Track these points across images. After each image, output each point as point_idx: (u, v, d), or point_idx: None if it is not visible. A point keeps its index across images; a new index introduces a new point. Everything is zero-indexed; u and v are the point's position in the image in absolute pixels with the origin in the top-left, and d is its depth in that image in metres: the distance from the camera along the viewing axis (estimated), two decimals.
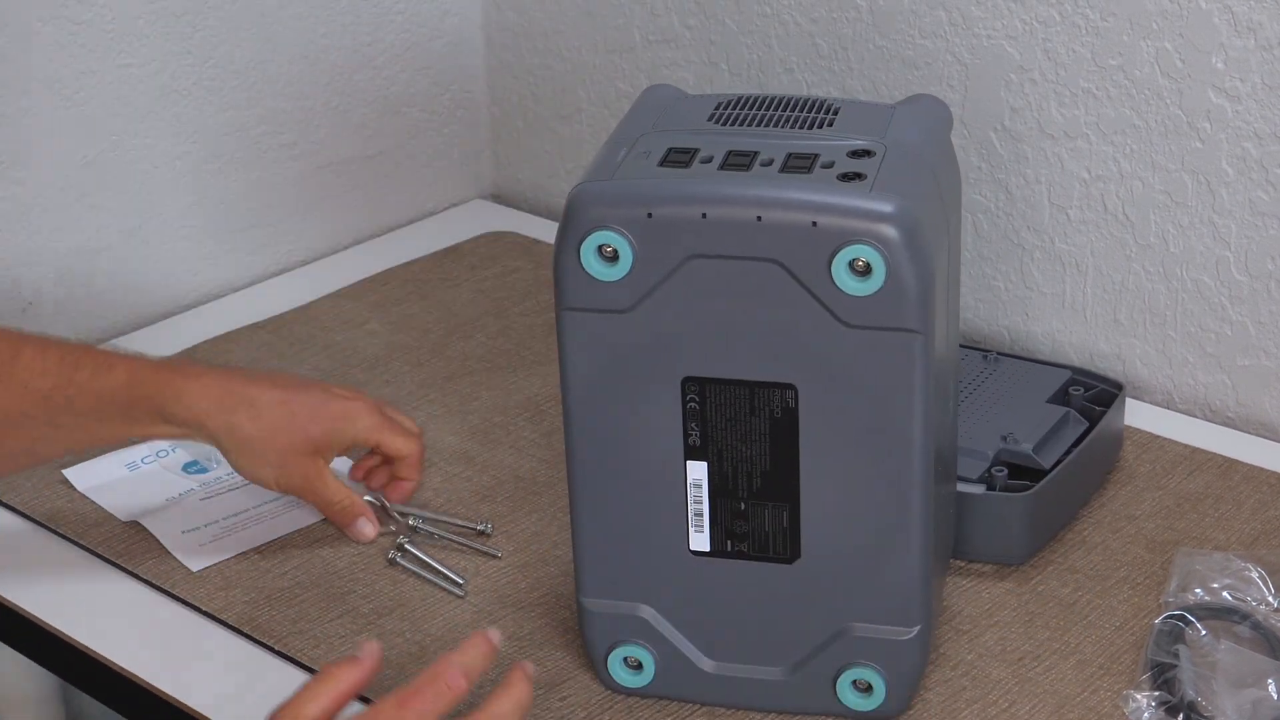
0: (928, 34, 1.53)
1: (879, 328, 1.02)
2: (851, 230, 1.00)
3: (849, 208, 1.01)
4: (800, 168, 1.04)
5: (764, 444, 1.07)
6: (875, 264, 1.00)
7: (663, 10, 1.71)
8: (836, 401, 1.05)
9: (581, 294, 1.05)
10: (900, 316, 1.02)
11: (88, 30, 1.56)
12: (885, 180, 1.03)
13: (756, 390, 1.06)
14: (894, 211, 1.01)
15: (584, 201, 1.04)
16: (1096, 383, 1.40)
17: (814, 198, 1.02)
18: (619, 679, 1.15)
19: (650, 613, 1.13)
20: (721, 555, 1.10)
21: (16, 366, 1.20)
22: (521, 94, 1.86)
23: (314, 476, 1.26)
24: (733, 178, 1.04)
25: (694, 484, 1.09)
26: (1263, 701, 1.10)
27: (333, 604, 1.25)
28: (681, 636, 1.13)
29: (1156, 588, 1.25)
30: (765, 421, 1.07)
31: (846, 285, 1.01)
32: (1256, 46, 1.37)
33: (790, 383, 1.05)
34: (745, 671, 1.13)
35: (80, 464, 1.40)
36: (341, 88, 1.76)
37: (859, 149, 1.06)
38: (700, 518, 1.10)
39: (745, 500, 1.09)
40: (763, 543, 1.10)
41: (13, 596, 1.28)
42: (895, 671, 1.11)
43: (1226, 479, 1.37)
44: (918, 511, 1.07)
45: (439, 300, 1.67)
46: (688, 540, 1.10)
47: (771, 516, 1.09)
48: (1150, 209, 1.46)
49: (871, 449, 1.06)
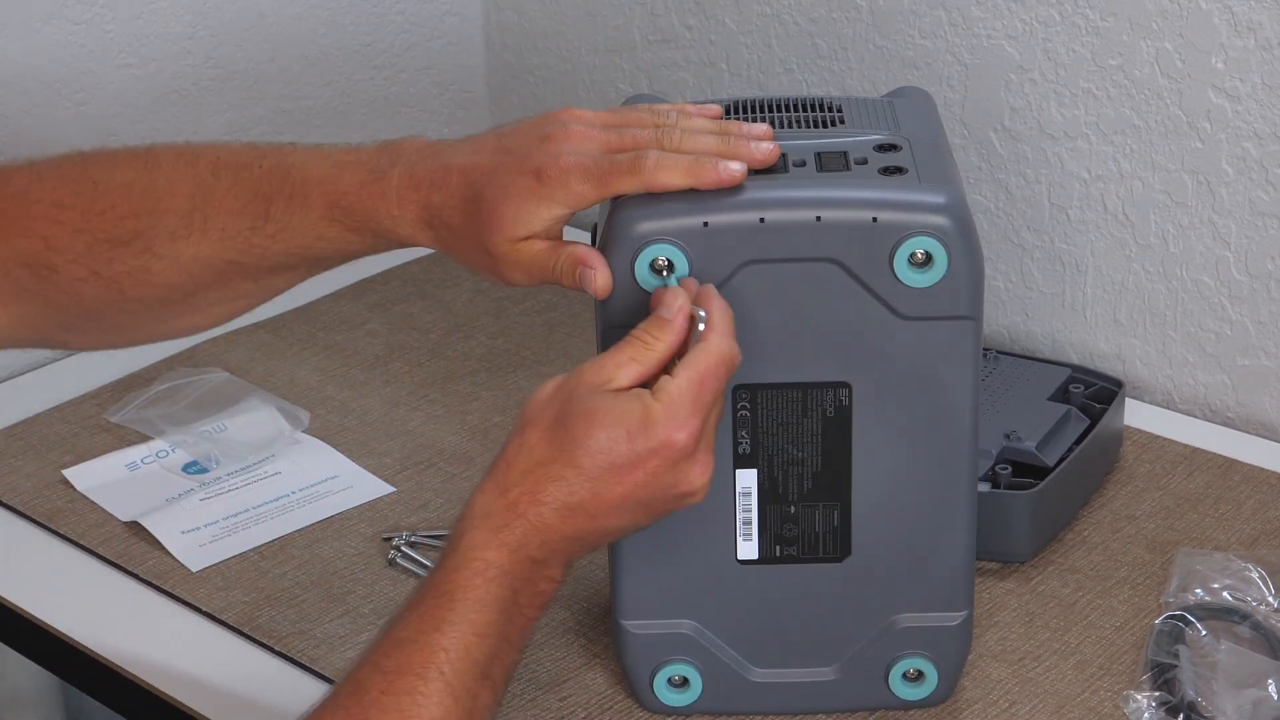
0: (928, 34, 1.53)
1: (935, 317, 1.03)
2: (911, 223, 1.01)
3: (907, 201, 1.02)
4: (837, 166, 1.04)
5: (816, 445, 1.07)
6: (936, 254, 1.01)
7: (663, 10, 1.71)
8: (891, 395, 1.05)
9: (630, 311, 1.03)
10: (956, 304, 1.03)
11: (88, 30, 1.56)
12: (926, 172, 1.04)
13: (810, 391, 1.06)
14: (947, 202, 1.02)
15: (634, 216, 1.02)
16: (1096, 380, 1.40)
17: (870, 194, 1.02)
18: (665, 699, 1.13)
19: (694, 627, 1.11)
20: (770, 561, 1.10)
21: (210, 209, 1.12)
22: (521, 94, 1.86)
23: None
24: (780, 181, 1.03)
25: (743, 492, 1.08)
26: (1263, 702, 1.10)
27: (333, 604, 1.25)
28: (727, 648, 1.12)
29: (1156, 588, 1.25)
30: (817, 422, 1.06)
31: (907, 278, 1.02)
32: (1256, 46, 1.37)
33: (845, 381, 1.05)
34: (795, 676, 1.12)
35: (80, 464, 1.40)
36: (341, 88, 1.76)
37: (883, 143, 1.06)
38: (749, 526, 1.09)
39: (795, 503, 1.08)
40: (812, 544, 1.09)
41: (13, 596, 1.28)
42: (945, 657, 1.11)
43: (1226, 479, 1.37)
44: (966, 496, 1.08)
45: (439, 300, 1.67)
46: (735, 550, 1.10)
47: (822, 517, 1.09)
48: (1150, 209, 1.46)
49: (924, 438, 1.06)
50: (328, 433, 1.45)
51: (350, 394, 1.52)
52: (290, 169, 1.10)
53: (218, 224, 1.10)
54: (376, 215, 1.07)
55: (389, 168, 1.07)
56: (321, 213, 1.08)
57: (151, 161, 1.13)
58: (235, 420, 1.45)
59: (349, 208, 1.08)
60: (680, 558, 1.10)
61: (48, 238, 1.11)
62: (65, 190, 1.12)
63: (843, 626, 1.11)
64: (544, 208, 1.03)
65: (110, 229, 1.11)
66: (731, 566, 1.10)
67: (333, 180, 1.08)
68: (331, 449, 1.43)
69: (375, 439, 1.45)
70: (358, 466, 1.41)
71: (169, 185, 1.11)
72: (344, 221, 1.08)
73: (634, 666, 1.13)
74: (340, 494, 1.38)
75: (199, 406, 1.47)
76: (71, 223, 1.11)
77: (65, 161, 1.15)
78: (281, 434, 1.44)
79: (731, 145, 1.03)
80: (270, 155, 1.11)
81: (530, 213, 1.03)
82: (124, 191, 1.11)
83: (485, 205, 1.04)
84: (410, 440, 1.45)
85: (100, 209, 1.11)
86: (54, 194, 1.12)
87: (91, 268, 1.11)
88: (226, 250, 1.10)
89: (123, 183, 1.12)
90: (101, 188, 1.12)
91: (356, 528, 1.34)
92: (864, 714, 1.13)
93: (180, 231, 1.10)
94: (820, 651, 1.12)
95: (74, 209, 1.11)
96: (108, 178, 1.12)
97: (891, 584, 1.10)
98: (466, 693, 0.94)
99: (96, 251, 1.11)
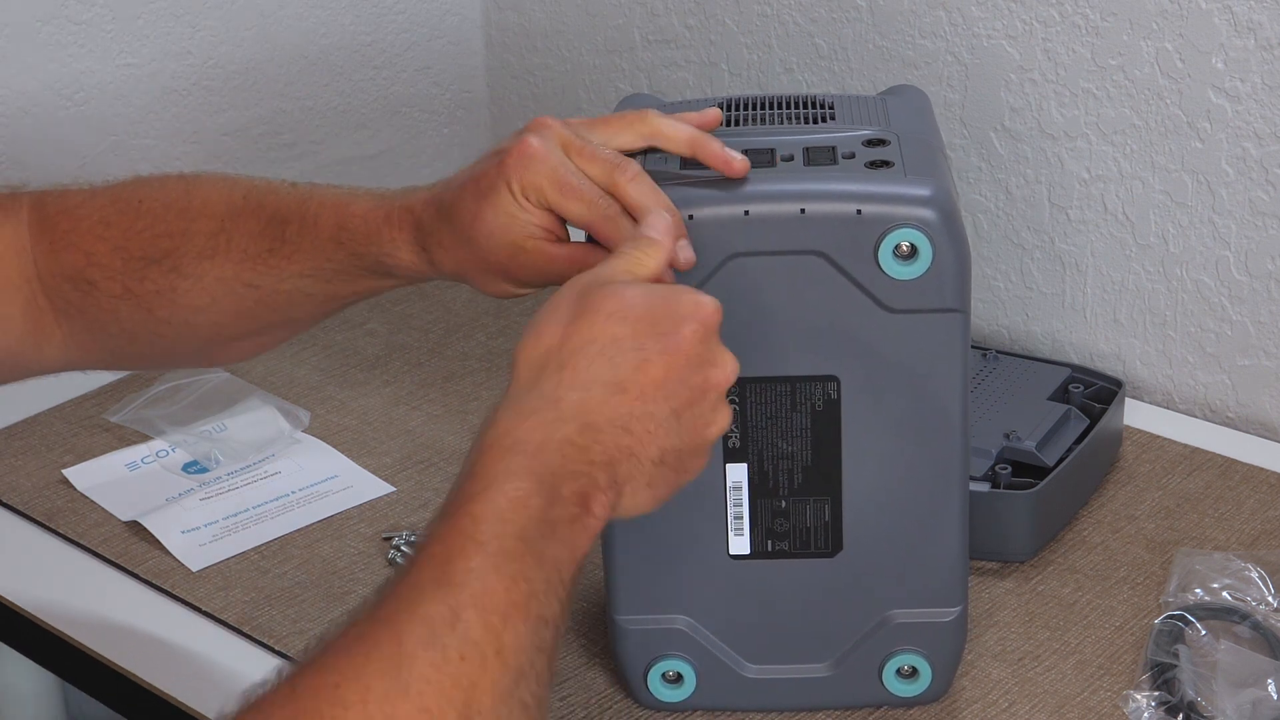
0: (928, 34, 1.53)
1: (921, 310, 1.03)
2: (895, 216, 1.01)
3: (890, 194, 1.02)
4: (824, 160, 1.05)
5: (805, 439, 1.07)
6: (921, 246, 1.01)
7: (663, 10, 1.71)
8: (880, 388, 1.05)
9: None
10: (942, 297, 1.03)
11: (88, 30, 1.56)
12: (912, 165, 1.04)
13: (798, 385, 1.06)
14: (932, 194, 1.02)
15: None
16: (1096, 380, 1.40)
17: (855, 187, 1.03)
18: (659, 695, 1.13)
19: (688, 622, 1.11)
20: (762, 556, 1.10)
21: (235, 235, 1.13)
22: (521, 94, 1.86)
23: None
24: (766, 174, 1.04)
25: (734, 486, 1.09)
26: (1263, 701, 1.10)
27: (333, 604, 1.25)
28: (721, 644, 1.12)
29: (1156, 588, 1.25)
30: (807, 416, 1.07)
31: (892, 270, 1.02)
32: (1256, 46, 1.37)
33: (833, 374, 1.05)
34: (788, 672, 1.12)
35: (80, 464, 1.40)
36: (341, 88, 1.76)
37: (872, 138, 1.07)
38: (740, 520, 1.09)
39: (786, 498, 1.09)
40: (804, 539, 1.09)
41: (13, 596, 1.28)
42: (939, 654, 1.11)
43: (1226, 479, 1.37)
44: (958, 490, 1.08)
45: (438, 300, 1.67)
46: (727, 545, 1.10)
47: (813, 512, 1.09)
48: (1150, 209, 1.46)
49: (915, 431, 1.06)
50: (328, 433, 1.46)
51: (350, 394, 1.52)
52: (310, 196, 1.11)
53: (240, 245, 1.11)
54: (379, 241, 1.08)
55: (395, 198, 1.09)
56: (330, 234, 1.09)
57: (194, 185, 1.15)
58: (235, 420, 1.45)
59: (354, 231, 1.09)
60: (673, 553, 1.10)
61: (90, 254, 1.13)
62: (112, 209, 1.14)
63: (836, 622, 1.11)
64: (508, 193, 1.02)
65: (145, 247, 1.13)
66: (724, 562, 1.10)
67: (344, 206, 1.10)
68: (331, 449, 1.43)
69: (375, 439, 1.45)
70: (358, 466, 1.41)
71: (203, 207, 1.13)
72: (349, 245, 1.09)
73: (628, 662, 1.13)
74: (340, 494, 1.38)
75: (199, 406, 1.47)
76: (113, 240, 1.13)
77: (120, 183, 1.17)
78: (281, 434, 1.44)
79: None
80: (302, 186, 1.13)
81: (504, 200, 1.02)
82: (162, 212, 1.13)
83: (466, 209, 1.04)
84: (410, 440, 1.45)
85: (140, 228, 1.13)
86: (102, 212, 1.14)
87: (126, 284, 1.13)
88: (245, 271, 1.11)
89: (163, 203, 1.14)
90: (144, 207, 1.13)
91: (356, 528, 1.34)
92: (864, 712, 1.13)
93: (206, 251, 1.12)
94: (814, 647, 1.12)
95: (117, 226, 1.13)
96: (151, 198, 1.14)
97: (884, 579, 1.10)
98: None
99: (131, 269, 1.13)
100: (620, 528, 1.09)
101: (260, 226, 1.11)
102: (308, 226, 1.10)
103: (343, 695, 0.79)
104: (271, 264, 1.11)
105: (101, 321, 1.14)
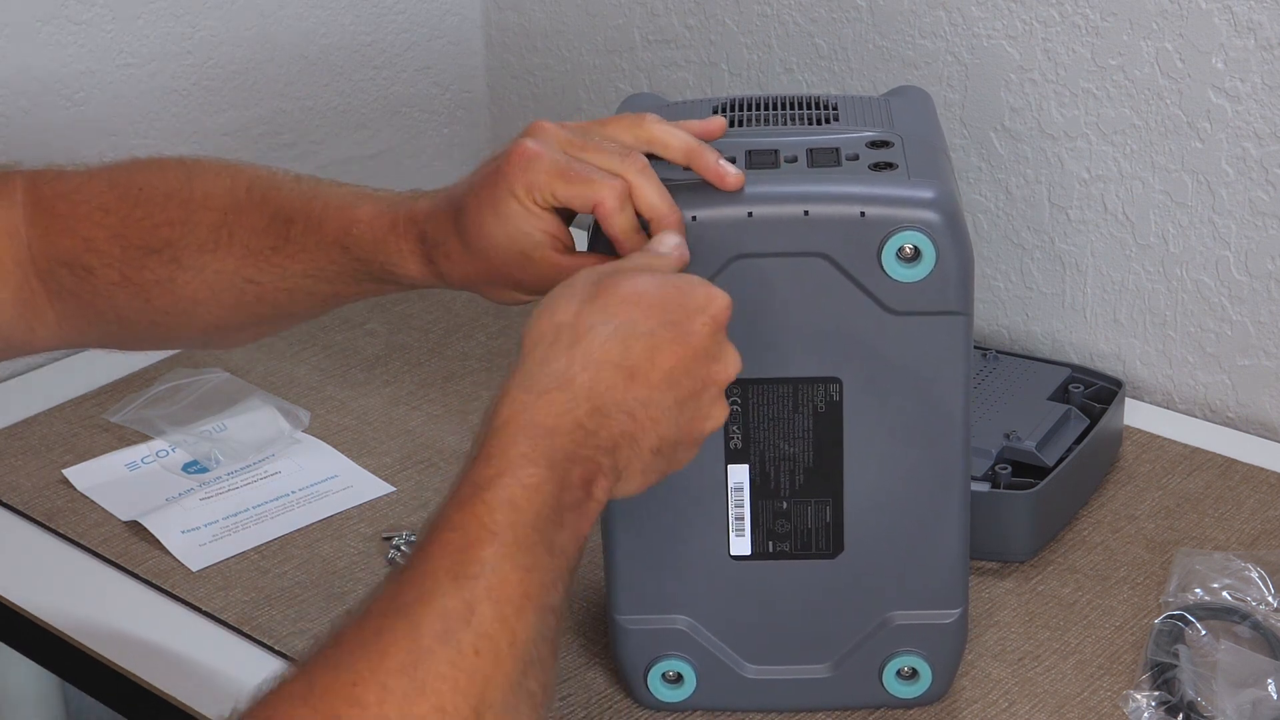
0: (928, 34, 1.53)
1: (924, 312, 1.03)
2: (899, 218, 1.01)
3: (894, 196, 1.02)
4: (828, 161, 1.05)
5: (807, 440, 1.07)
6: (924, 249, 1.01)
7: (663, 10, 1.71)
8: (882, 390, 1.05)
9: None
10: (945, 299, 1.03)
11: (88, 30, 1.56)
12: (916, 168, 1.04)
13: (800, 387, 1.06)
14: (936, 197, 1.02)
15: None
16: (1096, 380, 1.40)
17: (858, 189, 1.03)
18: (659, 695, 1.13)
19: (688, 622, 1.11)
20: (763, 557, 1.10)
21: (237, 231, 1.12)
22: (521, 94, 1.86)
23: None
24: (770, 175, 1.04)
25: (735, 487, 1.09)
26: (1263, 701, 1.10)
27: (333, 604, 1.25)
28: (721, 644, 1.12)
29: (1156, 588, 1.25)
30: (809, 418, 1.07)
31: (895, 272, 1.02)
32: (1256, 46, 1.37)
33: (835, 376, 1.05)
34: (788, 673, 1.12)
35: (80, 464, 1.40)
36: (341, 88, 1.76)
37: (876, 140, 1.07)
38: (741, 521, 1.09)
39: (787, 499, 1.09)
40: (805, 540, 1.09)
41: (13, 596, 1.28)
42: (939, 655, 1.11)
43: (1226, 479, 1.37)
44: (959, 492, 1.08)
45: (438, 300, 1.67)
46: (728, 546, 1.10)
47: (814, 513, 1.09)
48: (1150, 209, 1.46)
49: (916, 433, 1.06)
50: (328, 432, 1.46)
51: (350, 394, 1.52)
52: (316, 195, 1.11)
53: (242, 240, 1.11)
54: (385, 250, 1.08)
55: (399, 205, 1.08)
56: (335, 237, 1.09)
57: (195, 173, 1.14)
58: (235, 420, 1.45)
59: (359, 236, 1.08)
60: (674, 553, 1.10)
61: (89, 239, 1.12)
62: (111, 195, 1.13)
63: (836, 623, 1.11)
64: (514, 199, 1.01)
65: (145, 236, 1.12)
66: (725, 562, 1.10)
67: (350, 208, 1.09)
68: (331, 449, 1.43)
69: (375, 439, 1.45)
70: (358, 466, 1.41)
71: (204, 198, 1.12)
72: (353, 250, 1.08)
73: (628, 662, 1.13)
74: (340, 494, 1.38)
75: (199, 406, 1.47)
76: (112, 227, 1.12)
77: (117, 166, 1.16)
78: (281, 434, 1.44)
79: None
80: (305, 181, 1.12)
81: (511, 208, 1.02)
82: (163, 201, 1.12)
83: (473, 223, 1.03)
84: (410, 440, 1.45)
85: (139, 216, 1.12)
86: (100, 198, 1.13)
87: (124, 273, 1.12)
88: (247, 267, 1.11)
89: (164, 192, 1.13)
90: (144, 194, 1.13)
91: (356, 527, 1.34)
92: (863, 713, 1.13)
93: (208, 244, 1.11)
94: (814, 648, 1.12)
95: (116, 213, 1.12)
96: (151, 185, 1.13)
97: (885, 581, 1.10)
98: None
99: (129, 257, 1.12)
100: (621, 528, 1.10)
101: (264, 223, 1.11)
102: (312, 228, 1.10)
103: (359, 695, 0.79)
104: (275, 262, 1.10)
105: (97, 307, 1.14)
